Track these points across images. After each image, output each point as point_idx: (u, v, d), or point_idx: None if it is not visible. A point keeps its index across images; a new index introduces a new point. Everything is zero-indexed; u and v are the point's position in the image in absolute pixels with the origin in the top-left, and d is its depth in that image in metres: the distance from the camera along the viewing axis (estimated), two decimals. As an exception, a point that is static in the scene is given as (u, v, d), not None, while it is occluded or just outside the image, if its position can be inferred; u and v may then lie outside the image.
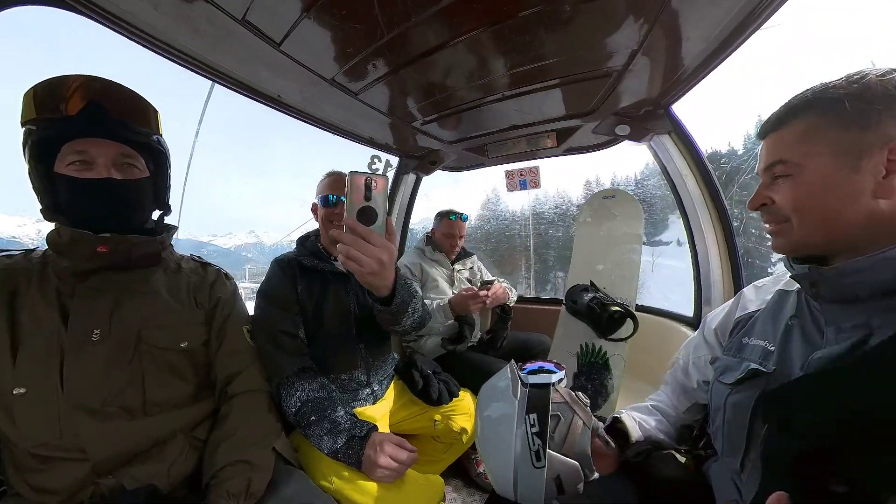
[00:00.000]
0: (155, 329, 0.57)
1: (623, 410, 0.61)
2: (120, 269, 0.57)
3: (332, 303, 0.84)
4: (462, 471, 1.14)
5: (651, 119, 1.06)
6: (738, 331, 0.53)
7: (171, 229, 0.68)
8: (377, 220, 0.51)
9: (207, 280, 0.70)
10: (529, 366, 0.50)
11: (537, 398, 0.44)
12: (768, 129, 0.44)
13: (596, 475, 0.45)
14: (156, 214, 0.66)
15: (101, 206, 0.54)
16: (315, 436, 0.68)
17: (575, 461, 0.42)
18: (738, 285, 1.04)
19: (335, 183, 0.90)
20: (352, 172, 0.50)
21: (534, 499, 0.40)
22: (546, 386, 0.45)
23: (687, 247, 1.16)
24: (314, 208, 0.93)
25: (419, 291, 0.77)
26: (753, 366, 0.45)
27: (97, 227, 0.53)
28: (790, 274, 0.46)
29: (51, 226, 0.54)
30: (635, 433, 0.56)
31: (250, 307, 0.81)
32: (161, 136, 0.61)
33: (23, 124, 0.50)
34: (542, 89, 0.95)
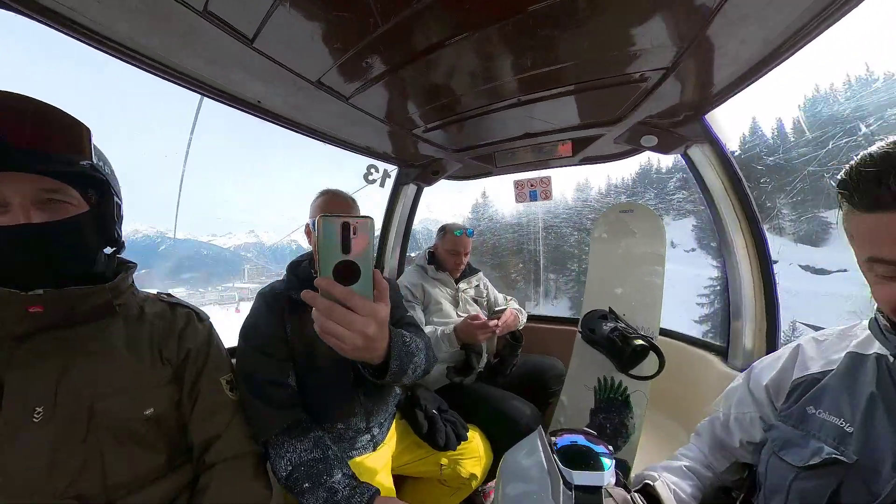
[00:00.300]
0: (112, 397, 0.48)
1: (655, 471, 0.53)
2: (64, 327, 0.47)
3: (326, 344, 0.73)
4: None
5: (683, 128, 0.95)
6: (798, 395, 0.46)
7: (129, 268, 0.57)
8: (360, 277, 0.38)
9: (176, 326, 0.59)
10: (560, 439, 0.43)
11: None
12: (885, 206, 0.32)
13: None
14: (109, 251, 0.55)
15: (25, 258, 0.43)
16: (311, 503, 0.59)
17: None
18: (772, 314, 0.95)
19: (330, 204, 0.79)
20: (323, 217, 0.36)
21: None
22: (597, 490, 0.37)
23: (679, 249, 1.06)
24: (307, 231, 0.81)
25: (421, 343, 0.66)
26: (829, 451, 0.39)
27: (26, 284, 0.43)
28: (886, 347, 0.38)
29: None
30: None
31: (249, 307, 0.72)
32: (93, 160, 0.48)
33: None
34: (561, 95, 0.83)
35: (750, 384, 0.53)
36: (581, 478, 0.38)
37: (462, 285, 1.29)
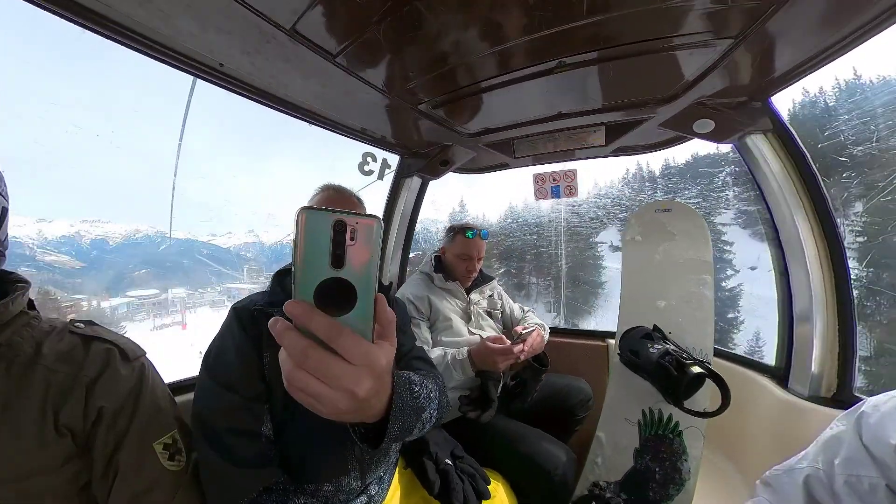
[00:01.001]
0: None
1: None
2: None
3: None
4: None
5: (744, 113, 0.79)
6: None
7: (19, 289, 0.42)
8: (355, 304, 0.25)
9: (84, 374, 0.42)
10: None
11: None
12: None
13: None
14: None
15: None
16: None
17: None
18: (846, 332, 0.80)
19: (331, 202, 0.65)
20: (307, 210, 0.24)
21: None
22: None
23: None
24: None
25: (433, 390, 0.49)
26: None
27: None
28: None
29: (49, 225, 0.26)
30: None
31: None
32: None
33: None
34: (600, 61, 0.65)
35: (864, 438, 0.41)
36: None
37: (474, 296, 1.10)
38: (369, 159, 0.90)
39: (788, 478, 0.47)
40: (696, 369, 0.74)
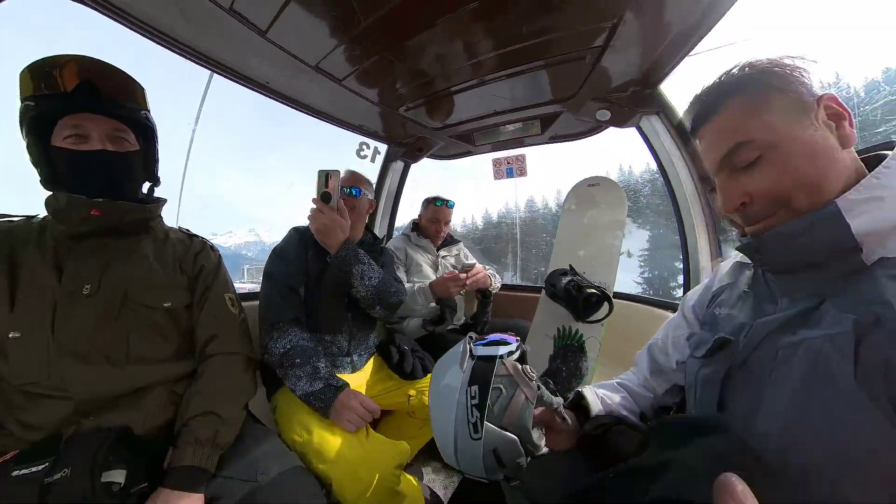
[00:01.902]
0: (141, 289, 0.61)
1: (588, 387, 0.60)
2: (111, 234, 0.62)
3: (332, 274, 0.91)
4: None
5: (637, 100, 1.05)
6: (712, 305, 0.51)
7: (161, 201, 0.72)
8: (331, 200, 0.85)
9: (192, 249, 0.73)
10: (490, 337, 0.50)
11: (481, 370, 0.43)
12: (702, 120, 0.40)
13: (545, 450, 0.43)
14: (146, 187, 0.70)
15: (96, 176, 0.59)
16: (294, 376, 0.74)
17: (513, 435, 0.41)
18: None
19: (344, 178, 1.01)
20: (320, 171, 0.85)
21: (474, 469, 0.41)
22: (492, 358, 0.44)
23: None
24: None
25: (377, 271, 0.90)
26: (723, 335, 0.42)
27: (92, 195, 0.58)
28: (735, 246, 0.43)
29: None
30: (596, 407, 0.55)
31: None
32: (149, 112, 0.66)
33: (22, 101, 0.55)
34: (523, 73, 0.97)
35: (684, 310, 0.57)
36: (482, 350, 0.45)
37: (442, 252, 1.42)
38: (364, 146, 1.28)
39: (646, 350, 0.61)
40: (591, 290, 1.01)
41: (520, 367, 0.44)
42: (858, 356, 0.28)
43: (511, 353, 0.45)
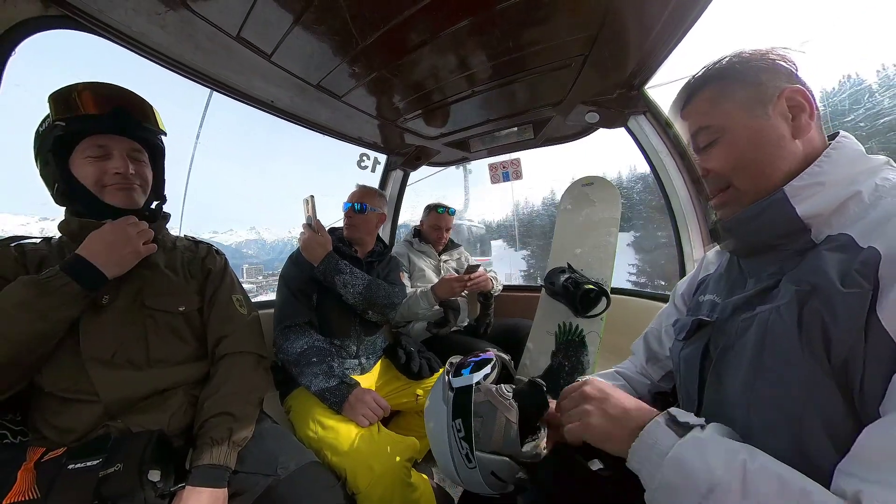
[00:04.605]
0: (155, 296, 0.64)
1: (587, 377, 0.60)
2: None
3: None
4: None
5: (624, 102, 1.09)
6: (697, 292, 0.54)
7: (166, 217, 0.74)
8: (310, 222, 0.97)
9: (199, 255, 0.77)
10: (473, 358, 0.51)
11: (460, 402, 0.44)
12: (680, 106, 0.46)
13: (544, 453, 0.45)
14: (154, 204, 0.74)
15: (123, 193, 0.64)
16: (311, 374, 0.79)
17: (504, 457, 0.42)
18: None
19: (353, 194, 1.11)
20: (305, 199, 0.99)
21: (482, 490, 0.43)
22: (469, 388, 0.45)
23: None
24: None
25: (362, 276, 0.96)
26: (700, 317, 0.45)
27: (100, 214, 0.62)
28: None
29: (52, 223, 0.63)
30: None
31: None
32: (165, 134, 0.71)
33: (55, 120, 0.58)
34: (513, 82, 1.02)
35: (675, 298, 0.60)
36: (457, 381, 0.46)
37: (444, 257, 1.46)
38: (364, 157, 1.34)
39: (642, 340, 0.64)
40: (588, 285, 1.04)
41: (493, 389, 0.45)
42: (802, 320, 0.31)
43: (487, 375, 0.47)
